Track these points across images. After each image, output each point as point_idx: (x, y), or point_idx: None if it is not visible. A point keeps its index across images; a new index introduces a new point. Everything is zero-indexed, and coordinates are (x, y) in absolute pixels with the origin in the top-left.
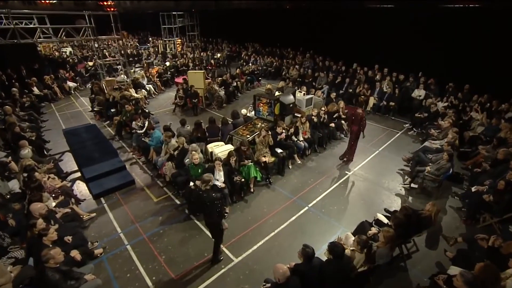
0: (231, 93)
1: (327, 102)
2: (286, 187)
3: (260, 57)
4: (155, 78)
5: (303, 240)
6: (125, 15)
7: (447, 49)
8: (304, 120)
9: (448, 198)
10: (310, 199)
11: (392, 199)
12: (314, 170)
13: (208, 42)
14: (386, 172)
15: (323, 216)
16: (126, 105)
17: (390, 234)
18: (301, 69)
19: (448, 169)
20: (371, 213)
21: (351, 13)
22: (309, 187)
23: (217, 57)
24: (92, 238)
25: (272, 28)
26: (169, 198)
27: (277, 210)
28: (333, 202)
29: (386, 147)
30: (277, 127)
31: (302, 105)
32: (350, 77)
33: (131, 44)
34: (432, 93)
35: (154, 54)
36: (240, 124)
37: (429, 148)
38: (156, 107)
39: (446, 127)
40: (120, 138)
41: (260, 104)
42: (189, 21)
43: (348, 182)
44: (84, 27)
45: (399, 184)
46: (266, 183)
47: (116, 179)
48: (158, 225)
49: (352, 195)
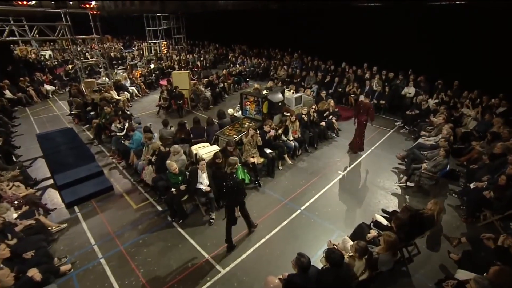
0: (217, 94)
1: (317, 100)
2: (276, 189)
3: (248, 58)
4: (138, 80)
5: (296, 246)
6: (109, 19)
7: (435, 46)
8: (294, 119)
9: (446, 196)
10: (303, 201)
11: (389, 199)
12: (305, 170)
13: (195, 45)
14: (380, 171)
15: (317, 219)
16: (105, 106)
17: (392, 239)
18: (290, 69)
19: (445, 166)
20: (368, 214)
21: (338, 12)
22: (301, 189)
23: (203, 59)
24: (61, 252)
25: (259, 29)
26: (150, 204)
27: (268, 214)
28: (327, 204)
29: (379, 146)
30: (264, 126)
31: (292, 104)
32: (339, 76)
33: (115, 48)
34: (422, 90)
35: (138, 57)
36: (226, 124)
37: (424, 145)
38: (140, 109)
39: (439, 123)
40: (99, 142)
41: (247, 103)
42: (174, 24)
43: (341, 182)
44: (60, 26)
45: (394, 183)
46: (255, 186)
47: (92, 185)
48: (137, 235)
49: (347, 196)
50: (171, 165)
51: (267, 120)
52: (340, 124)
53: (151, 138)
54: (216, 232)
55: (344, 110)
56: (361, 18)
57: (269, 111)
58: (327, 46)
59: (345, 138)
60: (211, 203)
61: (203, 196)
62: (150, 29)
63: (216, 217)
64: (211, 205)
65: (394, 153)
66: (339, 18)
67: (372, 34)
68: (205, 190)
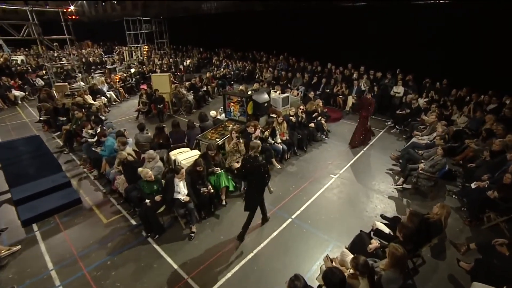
0: (200, 97)
1: (305, 101)
2: (264, 196)
3: (232, 61)
4: (117, 85)
5: (287, 260)
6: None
7: (420, 45)
8: (281, 120)
9: (444, 197)
10: (293, 209)
11: (386, 203)
12: (295, 175)
13: (178, 50)
14: (374, 173)
15: (309, 228)
16: (75, 111)
17: (399, 253)
18: (275, 71)
19: (443, 165)
20: (365, 221)
21: (323, 13)
22: (291, 195)
23: (186, 63)
24: (8, 282)
25: (244, 32)
26: (123, 218)
27: (255, 224)
28: (320, 211)
29: (371, 147)
30: (248, 127)
31: (278, 105)
32: (326, 77)
33: (94, 53)
34: (411, 90)
35: (119, 62)
36: (209, 127)
37: (418, 144)
38: (118, 115)
39: (432, 122)
40: (70, 149)
41: (230, 104)
42: (157, 28)
43: (334, 186)
44: (26, 24)
45: (390, 185)
46: (240, 193)
47: (56, 199)
48: (105, 255)
49: (341, 201)
50: (146, 172)
51: (252, 121)
52: (329, 126)
53: (125, 143)
54: (197, 248)
55: (333, 111)
56: (346, 18)
57: (255, 112)
58: (312, 47)
59: (335, 140)
60: (191, 215)
61: (181, 207)
62: (131, 33)
63: (197, 230)
64: (191, 217)
65: (387, 154)
66: (324, 19)
67: (357, 34)
68: (184, 200)
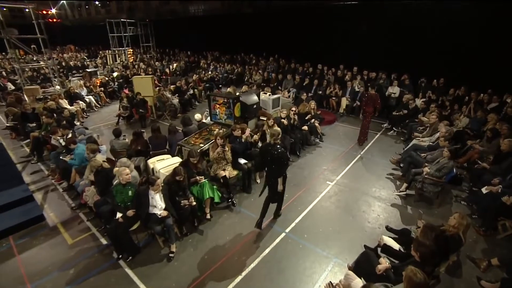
0: (186, 101)
1: (297, 103)
2: (254, 208)
3: (221, 64)
4: (97, 88)
5: (282, 283)
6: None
7: (415, 44)
8: (272, 123)
9: (451, 204)
10: (287, 221)
11: (389, 212)
12: (288, 183)
13: (165, 53)
14: (374, 178)
15: (306, 244)
16: (44, 116)
17: (419, 280)
18: (265, 73)
19: (451, 169)
20: (368, 233)
21: (313, 13)
22: (284, 206)
23: (173, 67)
24: None
25: (232, 34)
26: (92, 237)
27: (244, 241)
28: (317, 222)
29: (368, 150)
30: (234, 131)
31: (268, 107)
32: (318, 78)
33: (77, 57)
34: (407, 90)
35: (102, 66)
36: (192, 131)
37: (420, 146)
38: (97, 121)
39: (433, 122)
40: (38, 158)
41: (216, 106)
42: (142, 31)
43: (332, 194)
44: None
45: (392, 192)
46: (228, 205)
47: (13, 216)
48: (64, 284)
49: (340, 211)
50: (122, 170)
51: (240, 124)
52: (323, 129)
53: (95, 150)
54: (177, 271)
55: (326, 113)
56: (337, 17)
57: (243, 115)
58: (303, 48)
59: (330, 144)
60: (169, 232)
61: (158, 224)
62: (114, 36)
63: (179, 248)
64: (169, 234)
65: (386, 158)
66: (315, 19)
67: (349, 34)
68: (161, 215)
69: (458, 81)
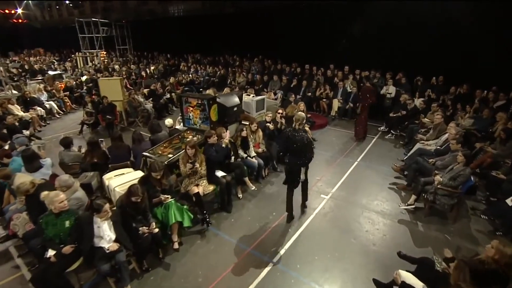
0: (162, 106)
1: (284, 106)
2: (234, 231)
3: (202, 67)
4: (61, 93)
5: None
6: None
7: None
8: (255, 127)
9: (469, 218)
10: (276, 247)
11: (397, 231)
12: (275, 197)
13: (143, 56)
14: (375, 189)
15: (300, 277)
16: None
17: None
18: (250, 75)
19: (468, 177)
20: (375, 260)
21: (300, 11)
22: (271, 227)
23: (150, 70)
24: None
25: (214, 36)
26: (20, 279)
27: (222, 276)
28: (312, 248)
29: (365, 157)
30: (209, 138)
31: (252, 110)
32: (307, 79)
33: (45, 60)
34: (403, 89)
35: (71, 69)
36: (162, 139)
37: (425, 151)
38: (58, 129)
39: (437, 123)
40: None
41: (189, 109)
42: (118, 33)
43: (327, 210)
44: None
45: (398, 205)
46: (202, 228)
47: None
48: None
49: (338, 232)
50: (54, 196)
51: (217, 129)
52: (313, 133)
53: (7, 176)
54: None
55: (317, 117)
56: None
57: (221, 119)
58: (290, 47)
59: (322, 150)
60: (121, 271)
61: (106, 261)
62: (85, 36)
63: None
64: (122, 273)
65: (386, 164)
66: (301, 17)
67: (338, 32)
68: (109, 249)
69: (459, 79)
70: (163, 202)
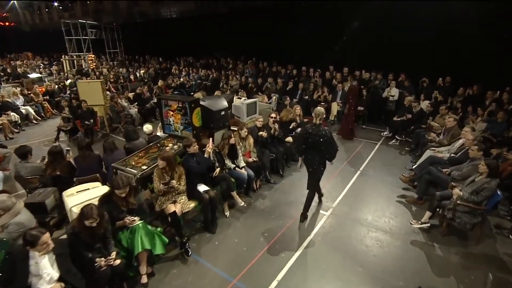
0: (148, 111)
1: (280, 110)
2: (218, 256)
3: (194, 70)
4: (40, 97)
5: None
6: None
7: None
8: (245, 133)
9: (494, 238)
10: (266, 277)
11: (411, 255)
12: (268, 214)
13: (134, 60)
14: (381, 204)
15: None
16: None
17: None
18: (243, 78)
19: (494, 190)
20: None
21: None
22: (262, 252)
23: (140, 73)
24: None
25: (207, 38)
26: None
27: None
28: (311, 279)
29: (369, 165)
30: (188, 147)
31: (242, 114)
32: (304, 81)
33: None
34: (407, 91)
35: (57, 73)
36: (138, 147)
37: (437, 159)
38: (34, 136)
39: (450, 127)
40: None
41: (169, 113)
42: (109, 36)
43: (328, 230)
44: None
45: (410, 222)
46: (180, 253)
47: None
48: None
49: (341, 257)
50: None
51: (202, 136)
52: None
53: None
54: None
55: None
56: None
57: (206, 125)
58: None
59: None
60: None
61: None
62: (72, 39)
63: None
64: None
65: (392, 174)
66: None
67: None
68: None
69: (468, 79)
70: (128, 226)
